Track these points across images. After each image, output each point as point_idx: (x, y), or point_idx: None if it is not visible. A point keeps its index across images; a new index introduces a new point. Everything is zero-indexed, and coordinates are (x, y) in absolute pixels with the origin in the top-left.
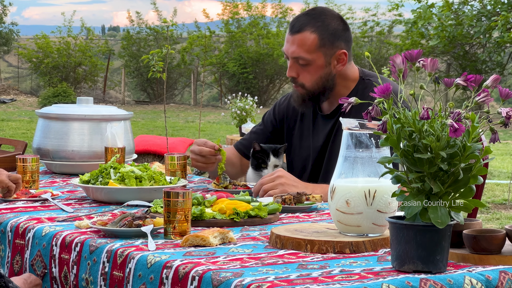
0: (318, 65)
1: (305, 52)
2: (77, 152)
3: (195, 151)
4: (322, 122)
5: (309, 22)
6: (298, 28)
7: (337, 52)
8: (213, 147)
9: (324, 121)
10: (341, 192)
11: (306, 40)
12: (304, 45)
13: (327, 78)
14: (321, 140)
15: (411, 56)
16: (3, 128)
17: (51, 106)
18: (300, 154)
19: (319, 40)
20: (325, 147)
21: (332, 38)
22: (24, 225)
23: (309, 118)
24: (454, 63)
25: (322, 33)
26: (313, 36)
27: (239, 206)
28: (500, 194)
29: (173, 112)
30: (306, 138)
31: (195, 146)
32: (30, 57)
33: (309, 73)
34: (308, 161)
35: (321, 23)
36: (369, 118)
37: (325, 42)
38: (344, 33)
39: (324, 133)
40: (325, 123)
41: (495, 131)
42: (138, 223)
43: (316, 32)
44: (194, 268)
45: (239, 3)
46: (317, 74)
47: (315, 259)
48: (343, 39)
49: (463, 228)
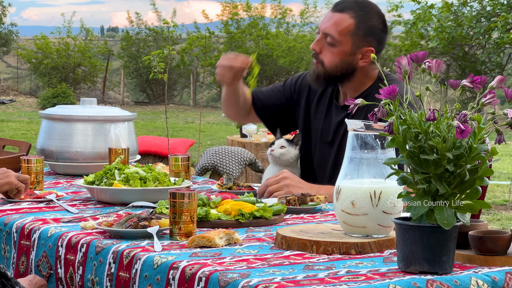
0: (342, 49)
1: (336, 32)
2: (81, 153)
3: (224, 64)
4: (335, 111)
5: (354, 7)
6: (341, 8)
7: (365, 47)
8: (245, 62)
9: (337, 110)
10: (347, 193)
11: (343, 21)
12: (338, 25)
13: (347, 66)
14: (331, 128)
15: (417, 58)
16: (2, 128)
17: (55, 107)
18: (311, 135)
19: (355, 27)
20: (333, 136)
21: (367, 32)
22: (30, 226)
23: (325, 103)
24: (453, 64)
25: (360, 22)
26: (351, 21)
27: (244, 207)
28: (501, 195)
29: (173, 113)
30: (318, 122)
31: (224, 59)
32: (30, 57)
33: (332, 54)
34: (315, 144)
35: (364, 13)
36: (374, 120)
37: (359, 32)
38: (380, 33)
39: (336, 122)
40: (337, 113)
41: (501, 132)
42: (144, 224)
43: (355, 19)
44: (201, 269)
45: (238, 4)
46: (338, 57)
47: (321, 260)
48: (376, 38)
49: (468, 229)
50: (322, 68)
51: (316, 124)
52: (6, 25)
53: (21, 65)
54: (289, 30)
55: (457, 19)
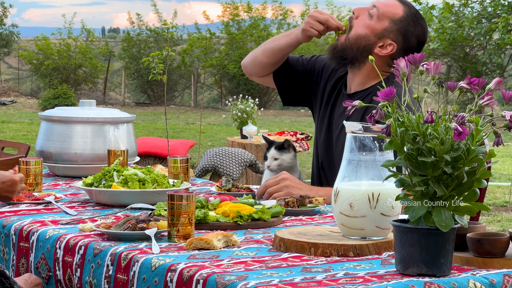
0: (375, 27)
1: (383, 8)
2: (80, 154)
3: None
4: (341, 100)
5: (410, 7)
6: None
7: (389, 40)
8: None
9: (344, 98)
10: (345, 195)
11: (394, 6)
12: (388, 6)
13: (365, 44)
14: (335, 115)
15: (415, 60)
16: (3, 130)
17: (54, 109)
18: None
19: (398, 18)
20: (337, 122)
21: (402, 30)
22: (28, 228)
23: (335, 91)
24: (454, 65)
25: (404, 20)
26: (400, 12)
27: (243, 209)
28: (501, 196)
29: (173, 114)
30: (324, 108)
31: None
32: (31, 58)
33: (363, 24)
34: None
35: (413, 17)
36: (372, 122)
37: (397, 25)
38: (412, 41)
39: (340, 110)
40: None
41: (499, 134)
42: (142, 226)
43: (403, 13)
44: (199, 271)
45: (239, 5)
46: (366, 30)
47: (319, 262)
48: (406, 41)
49: (467, 231)
50: (347, 37)
51: (323, 109)
52: (7, 26)
53: (22, 66)
54: None
55: (458, 20)
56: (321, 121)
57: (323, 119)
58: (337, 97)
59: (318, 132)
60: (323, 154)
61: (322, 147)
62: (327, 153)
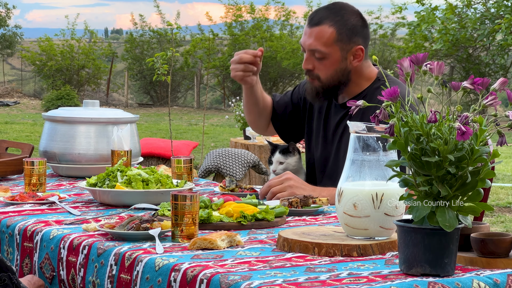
0: (334, 59)
1: (322, 45)
2: (84, 155)
3: (235, 60)
4: (334, 110)
5: (328, 16)
6: (317, 21)
7: (354, 48)
8: (255, 54)
9: (336, 109)
10: (349, 195)
11: (324, 33)
12: (321, 38)
13: (342, 72)
14: (331, 127)
15: (417, 60)
16: (7, 130)
17: (58, 109)
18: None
19: (337, 34)
20: (334, 134)
21: (350, 33)
22: (32, 228)
23: (324, 103)
24: (457, 66)
25: (341, 27)
26: (331, 30)
27: (246, 209)
28: (504, 197)
29: (176, 115)
30: (318, 121)
31: (235, 55)
32: (34, 59)
33: (325, 67)
34: (317, 144)
35: (340, 17)
36: (376, 122)
37: (343, 37)
38: (362, 29)
39: (335, 120)
40: (336, 112)
41: (503, 134)
42: (146, 226)
43: (334, 26)
44: (203, 271)
45: (242, 6)
46: (332, 67)
47: (323, 262)
48: (361, 36)
49: (470, 231)
50: (319, 83)
51: (317, 123)
52: (11, 27)
53: (25, 67)
54: (293, 32)
55: (461, 21)
56: (316, 136)
57: (318, 134)
58: (329, 109)
59: (314, 147)
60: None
61: (319, 160)
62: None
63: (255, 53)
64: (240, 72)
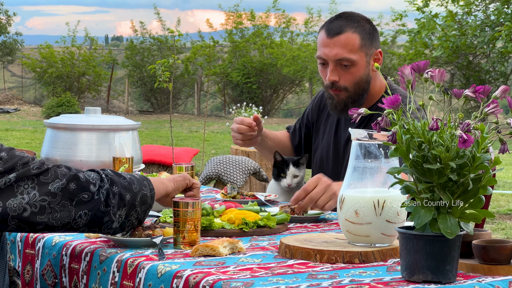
0: (360, 65)
1: (349, 53)
2: (85, 162)
3: (234, 129)
4: (345, 123)
5: (347, 23)
6: (338, 30)
7: (375, 52)
8: (250, 124)
9: (347, 123)
10: (350, 202)
11: (350, 40)
12: (347, 46)
13: (366, 79)
14: (342, 140)
15: (419, 67)
16: (7, 138)
17: (59, 116)
18: (321, 152)
19: (361, 39)
20: (344, 150)
21: (370, 37)
22: (34, 235)
23: (334, 118)
24: (457, 73)
25: (362, 33)
26: (355, 35)
27: (248, 216)
28: (505, 204)
29: (177, 122)
30: (327, 136)
31: (234, 124)
32: (34, 67)
33: (352, 75)
34: (328, 159)
35: (358, 23)
36: (378, 129)
37: (366, 42)
38: (376, 33)
39: (346, 134)
40: (347, 125)
41: (504, 141)
42: (148, 233)
43: (357, 32)
44: (205, 278)
45: (242, 13)
46: (358, 75)
47: (325, 269)
48: (377, 39)
49: (472, 238)
50: (346, 93)
51: (327, 138)
52: (11, 34)
53: (26, 74)
54: (293, 39)
55: (461, 28)
56: (326, 151)
57: (328, 149)
58: (338, 124)
59: (325, 162)
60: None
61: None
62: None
63: (249, 123)
64: (240, 140)
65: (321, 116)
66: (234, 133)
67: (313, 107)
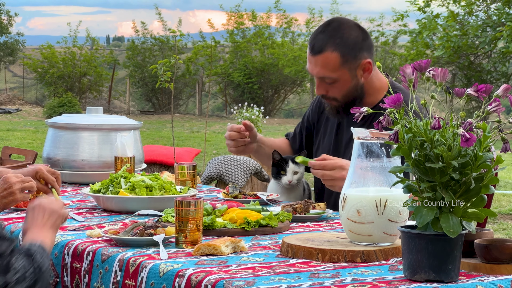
0: (344, 80)
1: (329, 72)
2: (87, 161)
3: (226, 136)
4: (346, 124)
5: (328, 40)
6: (319, 49)
7: (361, 63)
8: (239, 129)
9: (349, 123)
10: (352, 201)
11: (329, 60)
12: (327, 65)
13: (356, 88)
14: (343, 141)
15: (420, 67)
16: (8, 138)
17: (61, 116)
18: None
19: (341, 57)
20: (345, 150)
21: (353, 51)
22: None
23: (334, 119)
24: (459, 73)
25: (343, 49)
26: (334, 55)
27: (250, 215)
28: (507, 204)
29: (178, 122)
30: (328, 137)
31: (226, 131)
32: (35, 67)
33: (338, 89)
34: None
35: (340, 39)
36: (380, 128)
37: (348, 58)
38: (365, 42)
39: (348, 135)
40: (349, 125)
41: (506, 140)
42: (150, 232)
43: (337, 50)
44: (207, 277)
45: (244, 13)
46: (345, 88)
47: (327, 268)
48: (365, 49)
49: (474, 237)
50: (337, 102)
51: (328, 139)
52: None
53: (27, 74)
54: (295, 39)
55: (463, 29)
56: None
57: (329, 149)
58: (340, 125)
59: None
60: None
61: None
62: None
63: (238, 128)
64: (233, 148)
65: (322, 117)
66: (228, 141)
67: (313, 109)
